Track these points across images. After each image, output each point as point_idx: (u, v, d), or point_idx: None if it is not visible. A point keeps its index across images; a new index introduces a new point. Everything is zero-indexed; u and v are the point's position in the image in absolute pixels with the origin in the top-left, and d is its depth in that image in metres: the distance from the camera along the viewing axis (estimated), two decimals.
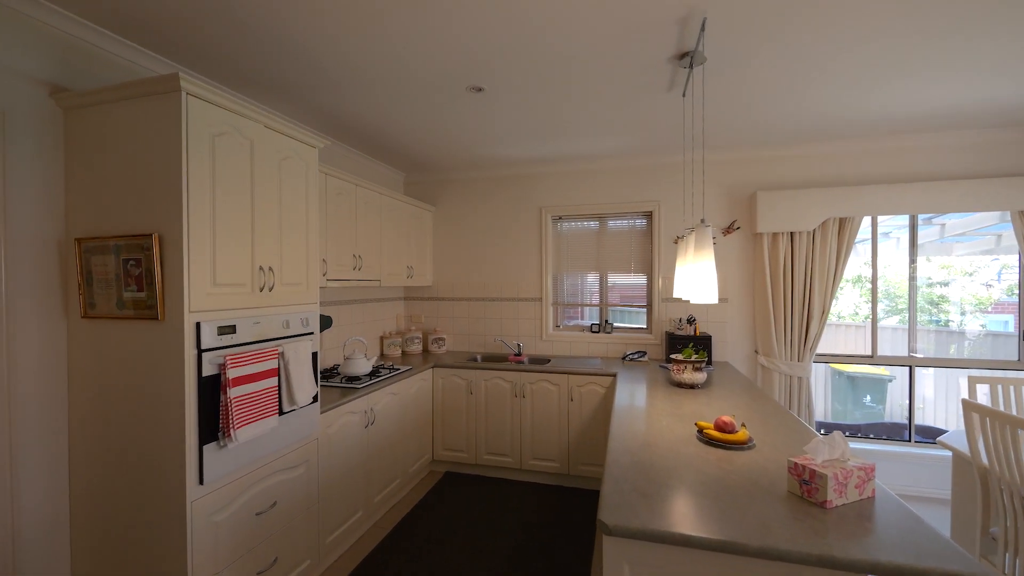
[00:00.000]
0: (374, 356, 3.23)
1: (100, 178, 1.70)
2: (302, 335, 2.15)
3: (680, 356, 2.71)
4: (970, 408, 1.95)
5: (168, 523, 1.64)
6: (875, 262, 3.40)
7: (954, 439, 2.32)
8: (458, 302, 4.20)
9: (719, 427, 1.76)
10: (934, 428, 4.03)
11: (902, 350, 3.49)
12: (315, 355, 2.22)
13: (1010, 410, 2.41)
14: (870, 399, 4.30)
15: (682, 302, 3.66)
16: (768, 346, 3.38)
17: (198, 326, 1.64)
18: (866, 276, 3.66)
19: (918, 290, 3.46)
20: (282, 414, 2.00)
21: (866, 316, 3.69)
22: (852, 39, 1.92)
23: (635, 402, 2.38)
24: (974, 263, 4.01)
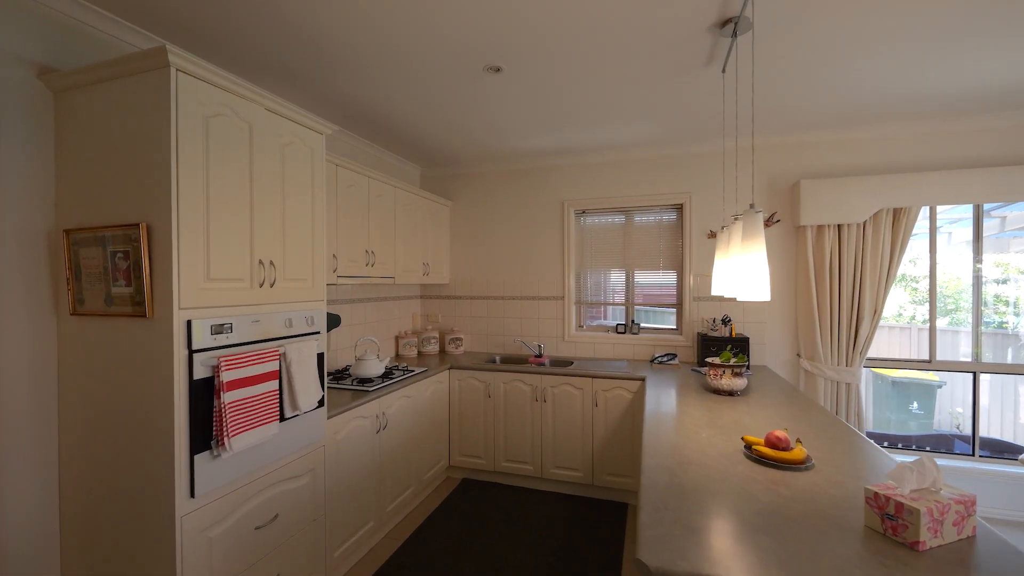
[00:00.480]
0: (388, 357, 3.07)
1: (91, 164, 1.58)
2: (307, 335, 2.00)
3: (717, 359, 2.47)
4: None
5: (156, 538, 1.50)
6: (933, 258, 3.09)
7: None
8: (476, 301, 4.03)
9: (771, 443, 1.54)
10: (992, 440, 3.66)
11: (952, 354, 3.16)
12: (321, 356, 2.07)
13: None
14: (917, 406, 3.95)
15: (715, 301, 3.40)
16: (812, 349, 3.10)
17: (189, 324, 1.50)
18: (910, 275, 3.34)
19: (971, 289, 3.13)
20: (284, 420, 1.86)
21: (911, 318, 3.39)
22: (921, 8, 1.67)
23: (668, 410, 2.15)
24: None
